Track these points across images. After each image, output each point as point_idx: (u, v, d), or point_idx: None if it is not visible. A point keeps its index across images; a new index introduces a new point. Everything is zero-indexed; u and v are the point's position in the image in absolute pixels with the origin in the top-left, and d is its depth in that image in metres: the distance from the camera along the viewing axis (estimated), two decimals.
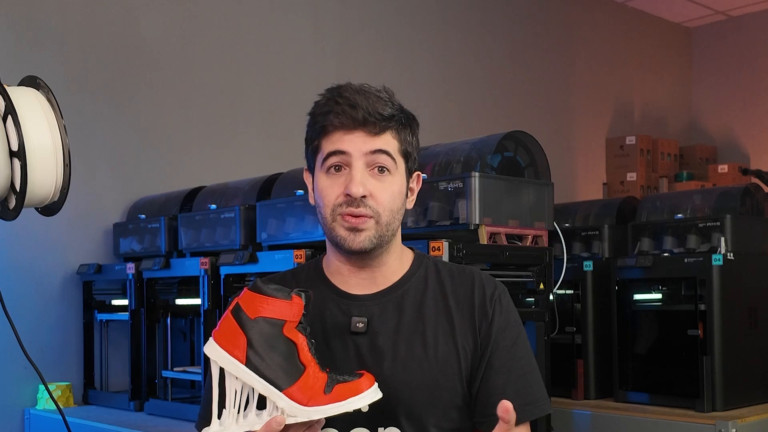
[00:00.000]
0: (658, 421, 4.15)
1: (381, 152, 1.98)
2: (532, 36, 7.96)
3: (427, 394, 1.99)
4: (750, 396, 4.31)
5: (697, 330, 4.19)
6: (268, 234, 4.08)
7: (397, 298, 2.07)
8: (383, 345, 2.01)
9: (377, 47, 6.70)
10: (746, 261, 4.30)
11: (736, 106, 9.36)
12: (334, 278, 2.11)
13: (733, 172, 8.55)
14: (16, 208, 1.94)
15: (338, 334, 2.02)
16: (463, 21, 7.35)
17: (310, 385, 1.78)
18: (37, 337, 4.77)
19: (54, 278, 4.94)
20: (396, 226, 2.04)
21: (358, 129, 1.97)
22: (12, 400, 4.65)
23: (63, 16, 5.06)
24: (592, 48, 8.57)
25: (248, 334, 1.79)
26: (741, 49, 9.32)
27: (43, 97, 1.95)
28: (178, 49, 5.57)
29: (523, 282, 3.61)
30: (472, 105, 7.27)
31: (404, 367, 2.00)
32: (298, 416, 1.77)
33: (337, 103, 1.98)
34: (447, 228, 3.52)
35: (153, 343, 4.48)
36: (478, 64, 7.44)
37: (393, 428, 1.99)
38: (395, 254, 2.11)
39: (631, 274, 4.47)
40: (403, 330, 2.04)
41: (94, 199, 5.09)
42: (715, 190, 5.11)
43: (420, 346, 2.02)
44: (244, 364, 1.79)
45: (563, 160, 8.09)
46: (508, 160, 3.81)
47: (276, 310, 1.80)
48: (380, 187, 1.98)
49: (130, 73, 5.34)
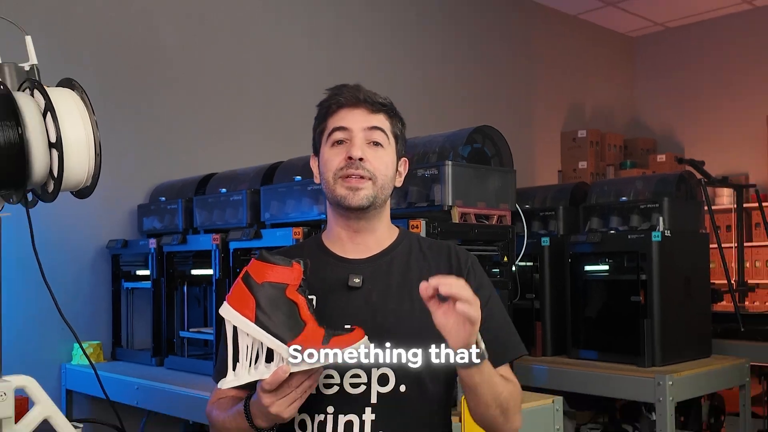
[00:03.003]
0: (605, 375, 4.17)
1: (376, 128, 2.06)
2: (498, 44, 7.95)
3: (413, 342, 2.00)
4: (684, 354, 4.33)
5: (639, 297, 4.21)
6: (270, 214, 4.07)
7: (386, 262, 2.12)
8: (375, 300, 2.05)
9: (364, 54, 6.70)
10: (681, 237, 4.31)
11: (673, 104, 9.37)
12: (333, 247, 2.15)
13: (670, 161, 8.57)
14: (53, 191, 1.94)
15: (337, 291, 2.05)
16: (440, 32, 7.35)
17: (310, 338, 1.81)
18: (72, 303, 4.77)
19: (86, 252, 4.93)
20: (388, 192, 2.11)
21: (359, 106, 2.07)
22: (51, 356, 4.65)
23: (94, 28, 5.05)
24: (550, 54, 8.57)
25: (256, 296, 1.83)
26: (677, 55, 9.33)
27: (78, 96, 1.95)
28: (192, 56, 5.55)
29: (489, 255, 3.61)
30: (445, 103, 7.26)
31: (393, 319, 2.02)
32: (301, 365, 1.79)
33: (342, 90, 2.09)
34: (424, 209, 3.52)
35: (171, 307, 4.47)
36: (451, 69, 7.45)
37: (385, 369, 2.00)
38: (385, 225, 2.17)
39: (582, 249, 4.49)
40: (392, 288, 2.07)
41: (121, 183, 5.08)
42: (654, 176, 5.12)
43: (407, 302, 2.04)
44: (254, 322, 1.82)
45: (524, 151, 8.10)
46: (476, 151, 3.81)
47: (279, 275, 1.84)
48: (375, 155, 2.05)
49: (152, 76, 5.33)
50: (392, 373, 2.01)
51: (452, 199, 3.45)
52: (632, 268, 4.27)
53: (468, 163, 3.62)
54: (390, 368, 2.01)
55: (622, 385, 4.12)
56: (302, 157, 4.35)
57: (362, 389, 2.02)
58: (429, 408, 2.07)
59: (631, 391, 4.09)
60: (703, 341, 4.55)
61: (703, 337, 4.56)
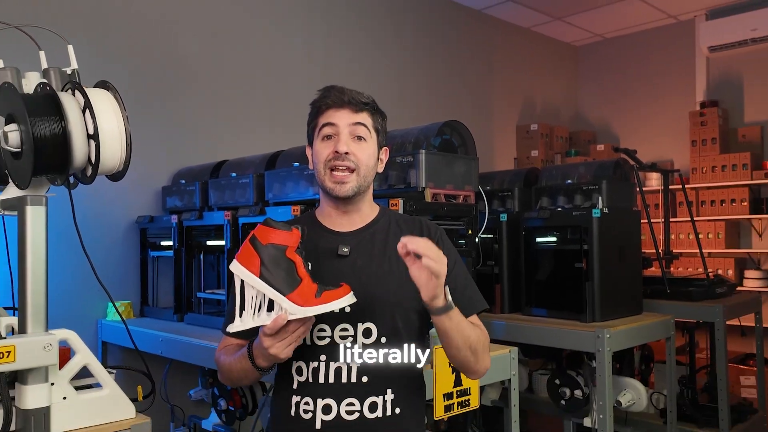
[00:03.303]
0: (553, 329, 4.18)
1: (360, 124, 2.09)
2: (464, 52, 7.94)
3: (392, 299, 2.05)
4: (619, 311, 4.34)
5: (582, 263, 4.21)
6: (273, 194, 4.06)
7: (369, 234, 2.15)
8: (360, 265, 2.08)
9: (351, 63, 6.67)
10: (617, 214, 4.32)
11: (610, 102, 9.38)
12: (325, 221, 2.19)
13: (608, 150, 8.60)
14: (91, 175, 1.94)
15: (328, 257, 2.08)
16: (415, 44, 7.33)
17: (305, 292, 1.84)
18: (106, 268, 4.74)
19: (119, 226, 4.91)
20: (370, 180, 2.14)
21: (344, 107, 2.08)
22: (88, 313, 4.63)
23: (126, 39, 5.01)
24: (507, 60, 8.56)
25: (261, 255, 1.86)
26: (613, 61, 9.33)
27: (111, 95, 1.95)
28: (208, 63, 5.52)
29: (456, 229, 3.62)
30: (420, 102, 7.25)
31: (377, 280, 2.06)
32: (297, 314, 1.83)
33: (330, 92, 2.11)
34: (402, 190, 3.52)
35: (190, 272, 4.46)
36: (424, 74, 7.43)
37: (369, 323, 2.04)
38: (368, 203, 2.20)
39: (534, 223, 4.49)
40: (374, 255, 2.11)
41: (148, 168, 5.05)
42: (594, 163, 5.12)
43: (386, 266, 2.09)
44: (258, 277, 1.85)
45: (485, 141, 8.12)
46: (445, 141, 3.81)
47: (280, 238, 1.87)
48: (359, 148, 2.08)
49: (174, 79, 5.29)
50: (375, 327, 2.04)
51: (425, 181, 3.45)
52: (576, 239, 4.27)
53: (438, 152, 3.61)
54: (372, 323, 2.04)
55: (568, 338, 4.13)
56: (300, 146, 4.34)
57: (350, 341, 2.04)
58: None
59: (575, 343, 4.11)
60: (635, 301, 4.57)
61: (635, 297, 4.58)
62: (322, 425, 2.02)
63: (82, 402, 1.99)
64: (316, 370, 2.05)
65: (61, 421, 1.94)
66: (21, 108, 1.83)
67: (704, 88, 8.38)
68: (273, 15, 6.05)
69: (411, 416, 2.11)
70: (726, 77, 8.27)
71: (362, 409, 2.03)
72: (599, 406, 4.03)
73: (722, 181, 7.65)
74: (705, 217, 7.74)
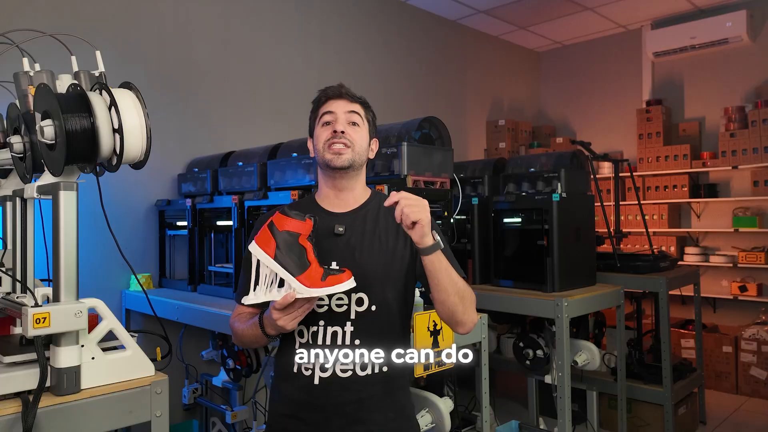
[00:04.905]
0: (519, 298, 4.21)
1: (354, 112, 2.14)
2: (441, 58, 7.92)
3: (382, 272, 2.06)
4: (576, 282, 4.38)
5: (543, 241, 4.24)
6: (274, 181, 4.05)
7: (362, 214, 2.16)
8: (354, 242, 2.09)
9: (343, 67, 6.65)
10: (574, 198, 4.34)
11: (568, 100, 9.38)
12: (323, 203, 2.20)
13: (566, 142, 8.61)
14: (116, 165, 1.94)
15: (326, 236, 2.08)
16: (399, 50, 7.30)
17: (313, 276, 1.85)
18: (130, 245, 4.76)
19: (140, 208, 4.90)
20: (364, 159, 2.17)
21: (342, 98, 2.14)
22: (113, 284, 4.62)
23: (147, 44, 4.97)
24: (478, 64, 8.54)
25: (276, 240, 1.87)
26: (571, 65, 9.33)
27: (134, 95, 1.94)
28: (218, 66, 5.49)
29: (434, 211, 3.61)
30: (402, 100, 7.24)
31: (368, 255, 2.07)
32: (304, 293, 1.84)
33: (329, 88, 2.17)
34: (387, 177, 3.52)
35: (202, 249, 4.46)
36: (406, 75, 7.41)
37: (362, 293, 2.05)
38: (361, 185, 2.22)
39: (502, 206, 4.51)
40: (366, 234, 2.11)
41: (166, 158, 5.04)
42: (554, 153, 5.13)
43: (377, 243, 2.09)
44: (273, 258, 1.87)
45: (460, 135, 8.12)
46: (425, 135, 3.81)
47: (295, 226, 1.88)
48: (354, 130, 2.12)
49: (188, 80, 5.26)
50: (366, 297, 2.05)
51: (407, 169, 3.45)
52: (538, 220, 4.29)
53: (419, 144, 3.61)
54: (364, 293, 2.05)
55: (531, 306, 4.15)
56: (298, 139, 4.34)
57: (344, 308, 2.07)
58: (392, 321, 2.11)
59: (537, 310, 4.13)
60: (589, 273, 4.60)
61: (590, 271, 4.61)
62: (320, 381, 2.05)
63: (108, 362, 1.99)
64: (315, 333, 2.07)
65: (90, 378, 1.95)
66: (55, 106, 1.83)
67: (650, 89, 8.39)
68: (275, 25, 6.01)
69: (397, 375, 2.12)
70: (669, 79, 8.28)
71: (355, 368, 2.05)
72: (558, 365, 4.06)
73: (665, 170, 7.68)
74: (650, 201, 7.76)
